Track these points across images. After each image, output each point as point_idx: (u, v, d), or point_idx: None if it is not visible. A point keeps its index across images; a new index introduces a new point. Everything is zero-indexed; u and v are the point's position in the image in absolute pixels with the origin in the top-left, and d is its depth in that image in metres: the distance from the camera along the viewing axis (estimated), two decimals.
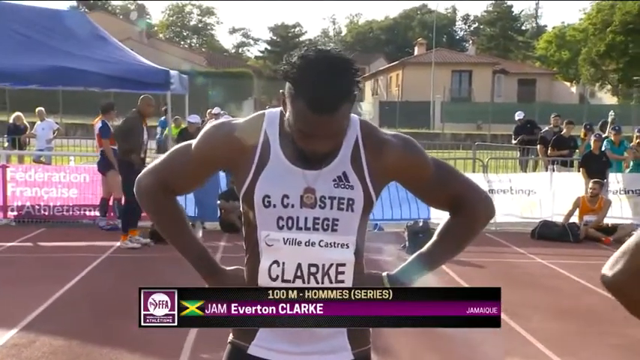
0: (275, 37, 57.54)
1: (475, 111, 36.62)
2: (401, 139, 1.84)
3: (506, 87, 46.22)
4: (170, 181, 1.87)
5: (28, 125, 15.44)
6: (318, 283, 1.74)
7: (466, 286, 6.66)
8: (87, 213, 10.07)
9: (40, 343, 4.78)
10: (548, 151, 12.17)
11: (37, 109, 15.23)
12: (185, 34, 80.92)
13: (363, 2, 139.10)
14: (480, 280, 6.91)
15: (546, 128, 13.89)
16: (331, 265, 1.75)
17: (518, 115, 15.39)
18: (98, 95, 15.03)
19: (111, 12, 59.91)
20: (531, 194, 10.40)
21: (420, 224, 8.68)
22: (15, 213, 9.91)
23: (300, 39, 59.51)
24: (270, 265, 1.76)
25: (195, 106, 15.46)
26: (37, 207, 9.96)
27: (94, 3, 62.36)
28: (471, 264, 7.78)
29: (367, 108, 43.13)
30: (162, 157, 1.92)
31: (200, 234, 9.10)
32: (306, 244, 1.73)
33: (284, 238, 1.74)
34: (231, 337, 1.88)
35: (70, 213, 10.03)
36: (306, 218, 1.74)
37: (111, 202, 9.66)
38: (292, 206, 1.73)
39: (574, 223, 9.59)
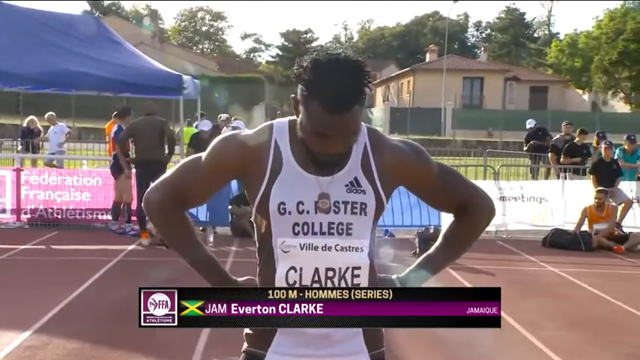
0: (286, 43, 57.69)
1: (486, 118, 36.52)
2: (408, 145, 1.89)
3: (518, 94, 46.07)
4: (180, 195, 1.88)
5: (41, 129, 15.58)
6: (334, 286, 1.76)
7: None
8: (99, 216, 10.14)
9: (54, 345, 4.82)
10: (560, 159, 12.13)
11: (47, 114, 15.35)
12: (197, 39, 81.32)
13: (374, 8, 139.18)
14: None
15: (558, 136, 13.85)
16: (347, 268, 1.78)
17: (530, 123, 15.36)
18: (110, 99, 15.14)
19: (124, 17, 60.31)
20: (543, 202, 10.37)
21: (431, 231, 8.68)
22: (28, 216, 10.00)
23: (312, 44, 59.57)
24: (288, 272, 1.78)
25: (206, 111, 15.55)
26: (50, 210, 10.04)
27: (108, 8, 62.83)
28: (483, 272, 7.78)
29: (378, 114, 43.12)
30: (171, 170, 1.93)
31: (211, 239, 9.17)
32: (322, 249, 1.76)
33: (300, 244, 1.77)
34: (245, 345, 1.89)
35: (83, 216, 10.10)
36: (321, 223, 1.77)
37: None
38: (307, 212, 1.76)
39: (585, 231, 9.55)
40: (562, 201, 10.26)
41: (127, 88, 10.65)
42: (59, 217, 10.04)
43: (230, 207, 9.81)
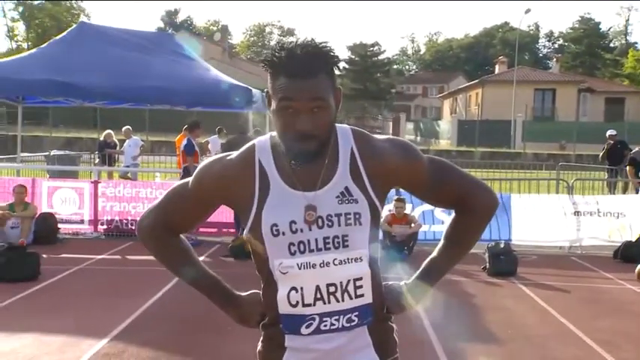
0: (353, 56, 57.82)
1: (559, 130, 35.60)
2: (395, 144, 1.84)
3: (592, 106, 44.71)
4: (169, 220, 1.89)
5: (117, 142, 16.15)
6: (338, 301, 1.74)
7: (553, 312, 6.47)
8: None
9: (129, 353, 4.97)
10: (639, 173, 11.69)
11: (123, 128, 15.88)
12: (264, 53, 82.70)
13: (443, 21, 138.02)
14: (566, 306, 6.70)
15: (636, 149, 13.36)
16: (349, 281, 1.74)
17: (611, 132, 14.89)
18: (181, 113, 15.56)
19: (195, 33, 61.93)
20: (620, 217, 10.00)
21: (502, 245, 8.50)
22: (105, 227, 10.35)
23: (379, 57, 59.53)
24: (289, 293, 1.75)
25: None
26: (125, 221, 10.37)
27: (180, 25, 64.74)
28: (557, 288, 7.56)
29: (445, 127, 42.65)
30: (163, 195, 1.93)
31: None
32: (320, 266, 1.72)
33: (298, 264, 1.73)
34: None
35: None
36: (316, 240, 1.73)
37: None
38: (301, 230, 1.72)
39: None
40: None
41: (198, 102, 10.93)
42: (134, 228, 10.34)
43: None
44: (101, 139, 16.23)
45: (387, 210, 9.26)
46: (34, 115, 24.31)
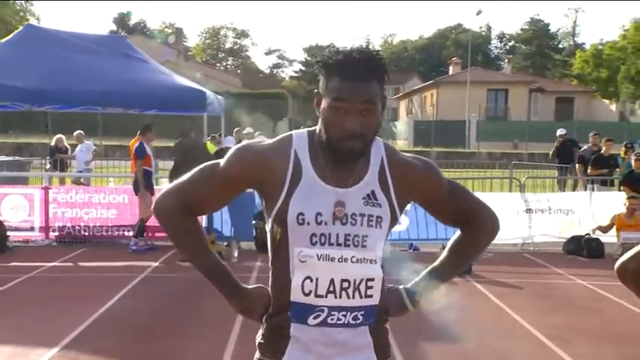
0: (309, 58, 57.96)
1: (511, 130, 36.27)
2: (421, 161, 1.94)
3: (543, 105, 45.72)
4: (192, 202, 1.89)
5: (69, 147, 15.79)
6: (349, 297, 1.80)
7: (506, 309, 6.57)
8: (125, 233, 10.21)
9: None
10: (588, 170, 11.98)
11: (75, 133, 15.54)
12: (221, 56, 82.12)
13: (397, 22, 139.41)
14: (519, 302, 6.81)
15: (585, 147, 13.69)
16: (362, 280, 1.81)
17: (560, 131, 15.22)
18: (136, 117, 15.33)
19: (149, 35, 61.15)
20: (570, 214, 10.23)
21: None
22: (56, 233, 10.12)
23: None
24: (304, 281, 1.80)
25: (230, 128, 15.65)
26: (77, 227, 10.15)
27: (133, 27, 63.83)
28: (510, 285, 7.68)
29: (402, 127, 43.04)
30: (184, 177, 1.92)
31: (236, 254, 9.19)
32: (339, 260, 1.79)
33: (317, 254, 1.78)
34: (258, 355, 1.92)
35: (109, 233, 10.20)
36: (337, 234, 1.79)
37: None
38: (325, 223, 1.78)
39: (594, 238, 9.59)
40: (590, 212, 10.11)
41: (153, 105, 10.78)
42: (86, 234, 10.15)
43: (254, 222, 9.83)
44: (52, 144, 15.85)
45: None
46: None
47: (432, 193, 1.95)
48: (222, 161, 1.88)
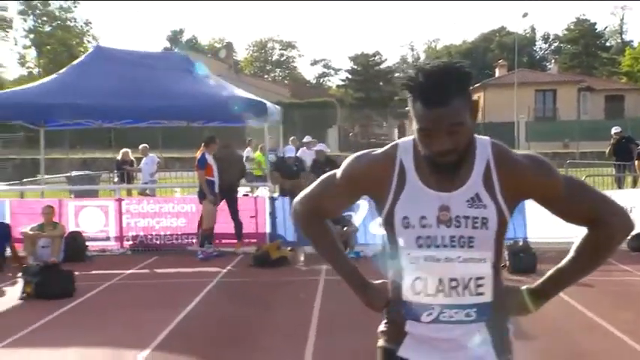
0: (355, 66, 57.97)
1: (561, 130, 35.54)
2: (532, 159, 1.90)
3: (593, 104, 44.59)
4: (320, 206, 2.09)
5: (134, 160, 16.21)
6: (459, 295, 1.85)
7: (578, 305, 6.48)
8: (193, 241, 10.43)
9: None
10: None
11: (140, 146, 15.95)
12: (268, 68, 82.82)
13: (440, 28, 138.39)
14: (591, 299, 6.70)
15: None
16: (470, 279, 1.85)
17: (615, 129, 14.88)
18: (194, 129, 15.63)
19: (200, 51, 62.22)
20: (633, 210, 9.97)
21: (520, 244, 8.52)
22: (130, 242, 10.41)
23: (380, 67, 59.68)
24: (414, 281, 1.88)
25: (283, 136, 15.83)
26: (149, 236, 10.43)
27: (185, 44, 65.15)
28: (579, 283, 7.53)
29: None
30: (311, 186, 2.11)
31: (302, 258, 9.29)
32: (445, 260, 1.84)
33: (424, 256, 1.85)
34: (380, 342, 2.01)
35: (179, 241, 10.43)
36: (442, 237, 1.84)
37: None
38: (430, 226, 1.84)
39: None
40: None
41: (216, 117, 10.99)
42: (158, 242, 10.41)
43: None
44: (118, 157, 16.27)
45: None
46: (50, 138, 24.51)
47: (546, 191, 1.89)
48: (339, 170, 2.02)
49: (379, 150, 1.99)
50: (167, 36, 72.08)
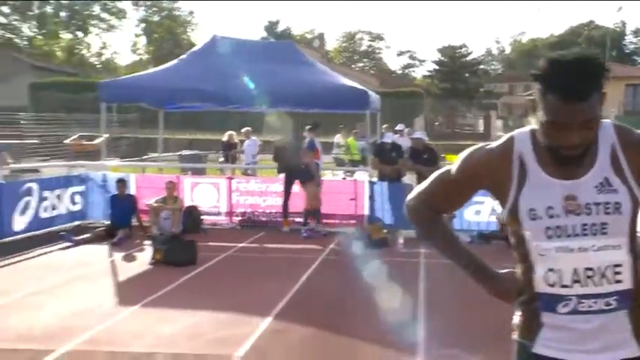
0: (442, 58, 56.96)
1: None
2: None
3: None
4: (436, 203, 1.99)
5: (238, 142, 16.66)
6: (595, 285, 1.73)
7: None
8: (296, 220, 10.63)
9: (294, 329, 5.19)
10: None
11: (243, 129, 16.36)
12: (356, 58, 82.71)
13: (527, 21, 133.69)
14: None
15: None
16: (607, 266, 1.73)
17: None
18: (292, 115, 15.86)
19: (296, 40, 62.85)
20: None
21: None
22: (239, 218, 10.74)
23: (467, 59, 58.34)
24: (546, 273, 1.77)
25: (372, 124, 15.82)
26: (256, 213, 10.73)
27: (280, 34, 65.99)
28: None
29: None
30: (425, 182, 2.03)
31: (401, 240, 9.31)
32: (579, 250, 1.73)
33: (555, 247, 1.74)
34: (515, 336, 1.92)
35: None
36: (573, 226, 1.73)
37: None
38: (558, 216, 1.74)
39: None
40: None
41: (319, 104, 11.11)
42: (264, 219, 10.69)
43: None
44: (224, 139, 16.77)
45: None
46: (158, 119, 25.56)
47: None
48: (454, 166, 1.93)
49: (494, 143, 1.88)
50: (264, 26, 73.26)
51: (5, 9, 57.48)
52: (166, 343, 4.78)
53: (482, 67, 61.86)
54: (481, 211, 10.28)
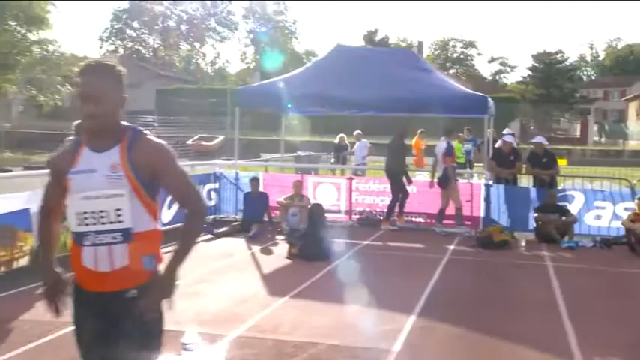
0: (537, 64, 54.64)
1: None
2: None
3: None
4: None
5: (348, 144, 16.60)
6: None
7: None
8: (413, 219, 10.43)
9: (440, 327, 5.00)
10: None
11: (355, 132, 16.26)
12: (448, 64, 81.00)
13: (623, 27, 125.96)
14: None
15: None
16: None
17: None
18: (398, 119, 15.60)
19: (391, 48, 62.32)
20: None
21: None
22: (357, 217, 10.65)
23: (562, 64, 55.69)
24: None
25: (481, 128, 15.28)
26: (374, 212, 10.60)
27: (380, 42, 65.83)
28: None
29: (635, 129, 38.77)
30: None
31: (523, 243, 8.90)
32: None
33: None
34: None
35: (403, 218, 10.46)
36: None
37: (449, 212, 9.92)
38: None
39: None
40: None
41: (441, 109, 10.81)
42: (381, 218, 10.52)
43: (535, 215, 9.44)
44: (336, 141, 16.76)
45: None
46: (268, 122, 26.10)
47: None
48: None
49: None
50: (363, 35, 73.18)
51: (135, 24, 60.85)
52: (323, 333, 4.71)
53: (576, 72, 58.68)
54: (601, 217, 9.67)
